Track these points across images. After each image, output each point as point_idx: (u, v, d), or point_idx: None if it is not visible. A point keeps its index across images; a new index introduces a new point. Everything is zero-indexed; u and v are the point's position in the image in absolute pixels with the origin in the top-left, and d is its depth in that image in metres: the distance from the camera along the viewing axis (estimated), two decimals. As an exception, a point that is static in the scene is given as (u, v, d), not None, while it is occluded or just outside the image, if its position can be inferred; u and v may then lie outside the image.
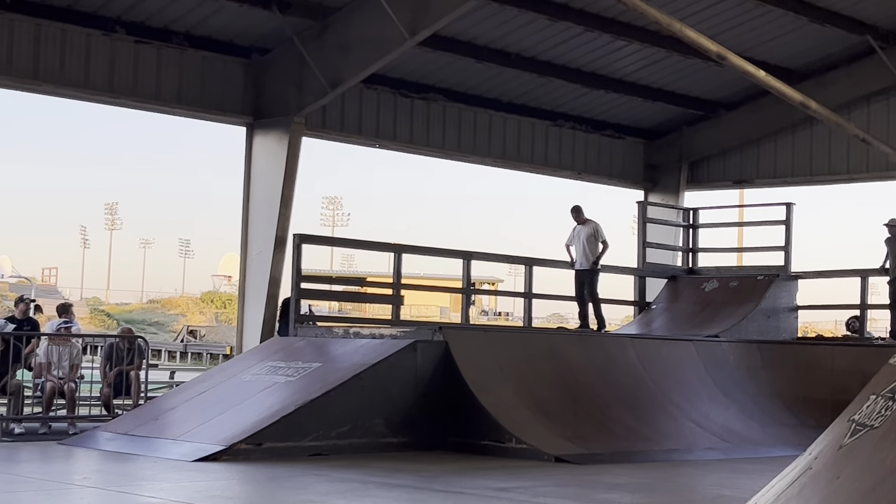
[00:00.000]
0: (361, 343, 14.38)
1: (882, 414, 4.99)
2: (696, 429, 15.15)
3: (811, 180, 23.89)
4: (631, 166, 24.86)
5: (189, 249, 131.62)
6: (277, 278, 18.39)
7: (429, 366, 13.79)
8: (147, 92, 17.82)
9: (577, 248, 18.80)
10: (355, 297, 28.35)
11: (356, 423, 12.91)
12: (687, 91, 23.34)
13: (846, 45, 21.63)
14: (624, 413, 14.75)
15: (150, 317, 76.94)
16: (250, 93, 18.71)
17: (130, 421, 13.68)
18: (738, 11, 19.82)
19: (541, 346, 15.48)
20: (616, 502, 10.29)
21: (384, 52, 17.35)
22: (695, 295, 20.94)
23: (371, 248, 21.09)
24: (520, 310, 19.87)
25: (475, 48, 20.14)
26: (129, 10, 17.20)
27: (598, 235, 18.69)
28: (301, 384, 13.30)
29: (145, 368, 15.79)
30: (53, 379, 14.81)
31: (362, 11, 17.33)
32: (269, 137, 18.63)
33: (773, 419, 16.43)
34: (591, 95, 22.79)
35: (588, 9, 19.40)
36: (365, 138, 20.67)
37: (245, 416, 12.66)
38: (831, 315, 45.38)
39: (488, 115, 22.29)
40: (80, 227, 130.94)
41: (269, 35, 18.29)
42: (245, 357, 15.80)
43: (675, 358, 16.61)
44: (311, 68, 17.84)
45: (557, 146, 23.53)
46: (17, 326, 15.43)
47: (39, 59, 16.73)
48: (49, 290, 74.04)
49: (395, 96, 20.73)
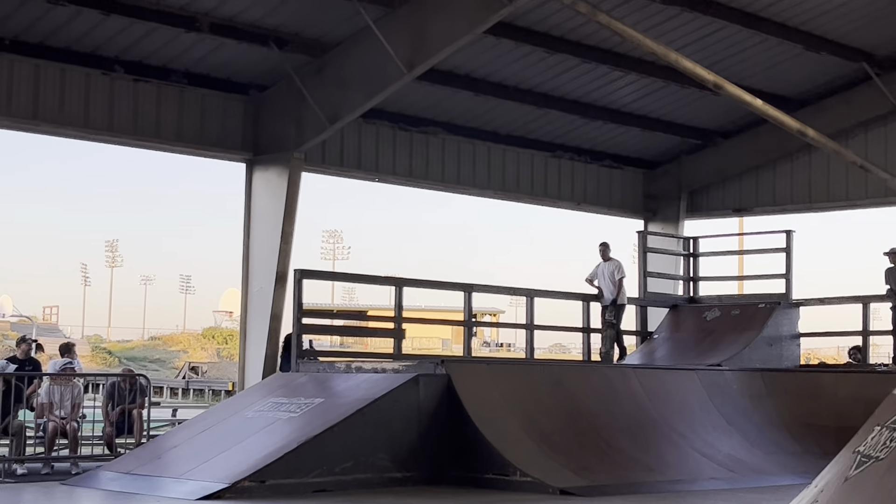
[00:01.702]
0: (364, 378, 14.35)
1: (887, 445, 4.98)
2: (701, 458, 15.09)
3: (810, 207, 23.91)
4: (630, 196, 24.90)
5: (190, 285, 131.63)
6: (279, 314, 18.38)
7: (432, 399, 13.75)
8: (147, 130, 17.87)
9: (603, 283, 19.78)
10: (357, 331, 28.29)
11: (360, 458, 12.86)
12: (685, 120, 23.40)
13: (843, 72, 21.71)
14: (628, 444, 14.70)
15: (151, 354, 76.84)
16: (250, 129, 18.76)
17: (133, 460, 13.63)
18: (734, 41, 19.91)
19: (544, 377, 15.44)
20: (622, 535, 10.25)
21: (382, 86, 17.40)
22: (697, 324, 20.91)
23: (372, 283, 21.08)
24: (522, 341, 19.85)
25: (473, 81, 20.21)
26: (127, 49, 17.28)
27: (619, 273, 19.76)
28: (304, 420, 13.26)
29: (147, 407, 15.76)
30: (55, 419, 14.78)
31: (360, 47, 17.40)
32: (269, 173, 18.66)
33: (778, 447, 16.37)
34: (589, 126, 22.86)
35: (585, 40, 19.48)
36: (364, 173, 20.70)
37: (248, 453, 12.61)
38: (833, 342, 45.37)
39: (487, 148, 22.35)
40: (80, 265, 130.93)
41: (267, 72, 18.36)
42: (247, 393, 15.76)
43: (679, 387, 16.56)
44: (309, 104, 17.90)
45: (557, 177, 23.57)
46: (19, 367, 15.40)
47: (39, 100, 16.79)
48: (50, 328, 74.00)
49: (393, 130, 20.79)
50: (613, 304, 19.68)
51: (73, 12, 16.12)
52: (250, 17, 17.13)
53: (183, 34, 17.06)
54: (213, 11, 16.81)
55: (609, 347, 19.83)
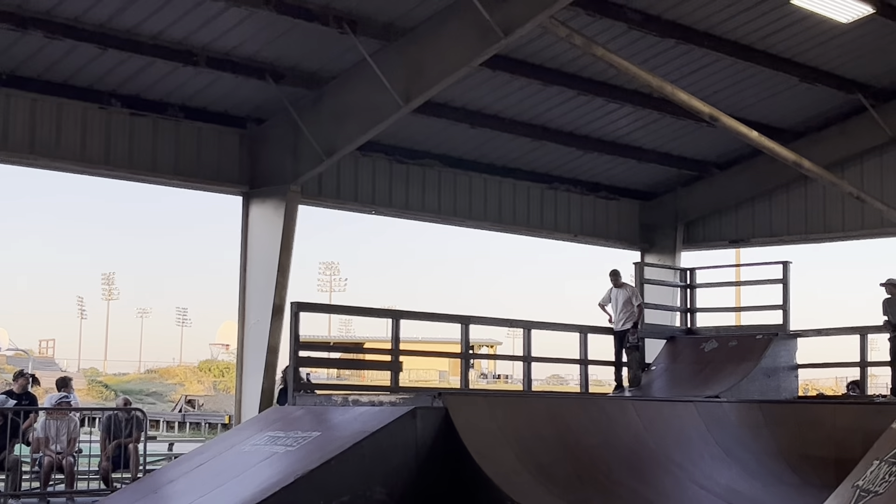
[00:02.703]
0: (361, 411, 14.29)
1: (886, 480, 4.95)
2: (700, 490, 15.02)
3: (807, 238, 23.93)
4: (627, 227, 24.92)
5: (186, 318, 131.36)
6: (276, 346, 18.34)
7: (429, 432, 13.68)
8: (143, 163, 17.89)
9: (615, 309, 19.84)
10: (354, 364, 28.21)
11: (357, 492, 12.78)
12: (680, 152, 23.45)
13: (838, 103, 21.78)
14: (627, 476, 14.63)
15: (147, 387, 76.66)
16: (246, 162, 18.78)
17: (129, 495, 13.55)
18: (729, 73, 19.98)
19: (541, 409, 15.38)
20: (621, 569, 10.18)
21: (379, 119, 17.44)
22: (694, 355, 20.88)
23: (369, 315, 21.04)
24: (519, 372, 19.80)
25: (469, 113, 20.27)
26: (124, 83, 17.32)
27: (636, 299, 19.90)
28: (300, 454, 13.20)
29: (144, 441, 15.71)
30: (51, 454, 14.72)
31: (356, 80, 17.45)
32: (266, 206, 18.67)
33: (777, 478, 16.30)
34: (585, 158, 22.90)
35: (580, 73, 19.55)
36: (361, 205, 20.72)
37: (244, 487, 12.54)
38: (831, 373, 45.31)
39: (483, 180, 22.38)
40: (77, 298, 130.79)
41: (264, 105, 18.40)
42: (244, 427, 15.69)
43: (677, 419, 16.51)
44: (306, 137, 17.93)
45: (553, 209, 23.60)
46: (17, 401, 15.36)
47: (35, 133, 16.82)
48: (46, 361, 73.86)
49: (390, 163, 20.82)
50: (635, 327, 19.87)
51: (70, 46, 16.16)
52: (247, 51, 17.19)
53: (180, 68, 17.11)
54: (209, 45, 16.86)
55: (637, 370, 20.02)
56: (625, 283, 20.16)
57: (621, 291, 19.98)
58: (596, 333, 20.22)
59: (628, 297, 19.90)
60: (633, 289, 20.22)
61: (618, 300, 19.95)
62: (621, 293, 19.97)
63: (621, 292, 19.98)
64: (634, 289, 20.30)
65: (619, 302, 19.91)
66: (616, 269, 20.23)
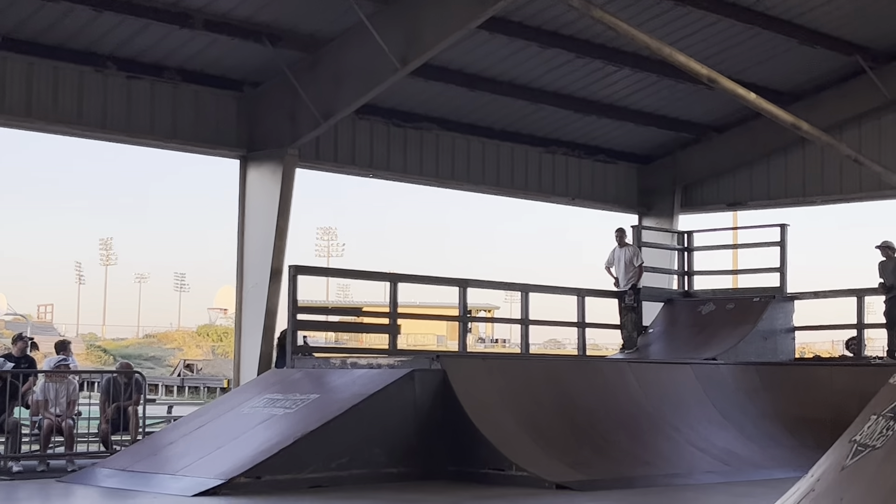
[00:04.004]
0: (359, 374, 14.35)
1: (884, 434, 4.98)
2: (697, 452, 15.11)
3: (804, 201, 23.92)
4: (625, 191, 24.90)
5: (184, 283, 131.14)
6: (274, 310, 18.36)
7: (427, 395, 13.75)
8: (140, 127, 17.84)
9: (619, 270, 20.09)
10: (352, 327, 28.29)
11: (355, 454, 12.87)
12: (679, 115, 23.40)
13: (836, 65, 21.72)
14: (624, 438, 14.71)
15: (146, 351, 76.78)
16: (243, 126, 18.73)
17: (129, 457, 13.62)
18: (728, 35, 19.91)
19: (539, 372, 15.45)
20: (618, 528, 10.25)
21: (376, 82, 17.39)
22: (692, 318, 20.95)
23: (367, 278, 21.06)
24: (517, 336, 19.87)
25: (467, 77, 20.20)
26: (120, 46, 17.24)
27: (637, 259, 20.11)
28: (299, 416, 13.26)
29: (143, 403, 15.75)
30: (51, 416, 14.76)
31: (353, 43, 17.39)
32: (263, 170, 18.64)
33: (773, 441, 16.39)
34: (583, 121, 22.85)
35: (578, 35, 19.48)
36: (359, 169, 20.69)
37: (244, 449, 12.61)
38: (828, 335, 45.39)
39: (481, 143, 22.34)
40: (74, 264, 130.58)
41: (261, 68, 18.33)
42: (243, 390, 15.76)
43: (674, 381, 16.59)
44: (303, 100, 17.88)
45: (551, 172, 23.57)
46: (15, 364, 15.40)
47: (32, 97, 16.76)
48: (45, 327, 73.92)
49: (387, 126, 20.77)
50: (633, 289, 20.01)
51: (66, 9, 16.08)
52: (244, 13, 17.11)
53: (176, 31, 17.04)
54: (206, 7, 16.78)
55: (632, 331, 20.19)
56: (628, 243, 20.29)
57: (625, 251, 20.14)
58: (593, 296, 20.27)
59: (630, 258, 20.05)
60: (635, 249, 20.38)
61: (621, 260, 20.11)
62: (625, 253, 20.11)
63: (625, 252, 20.12)
64: (636, 249, 20.44)
65: (623, 262, 20.05)
66: (622, 227, 20.49)
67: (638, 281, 20.13)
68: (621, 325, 20.38)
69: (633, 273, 20.01)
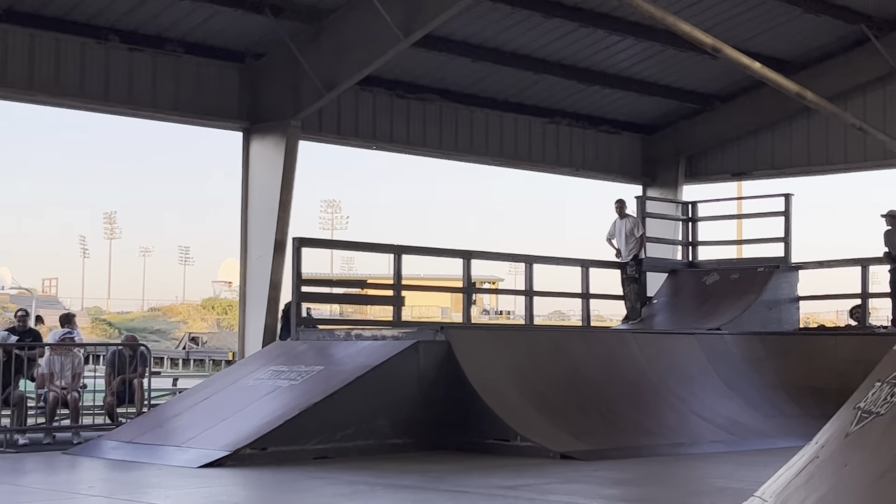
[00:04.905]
0: (363, 345, 14.37)
1: (888, 401, 4.98)
2: (701, 422, 15.13)
3: (809, 170, 23.87)
4: (629, 161, 24.86)
5: (189, 256, 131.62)
6: (278, 282, 18.38)
7: (432, 366, 13.77)
8: (143, 99, 17.81)
9: (620, 240, 20.09)
10: (356, 299, 28.33)
11: (360, 425, 12.89)
12: (683, 85, 23.32)
13: (841, 34, 21.62)
14: (629, 408, 14.73)
15: (151, 325, 76.95)
16: (246, 98, 18.70)
17: (134, 429, 13.66)
18: (732, 3, 19.81)
19: (543, 343, 15.46)
20: (623, 497, 10.29)
21: (379, 53, 17.34)
22: (696, 288, 20.93)
23: (371, 250, 21.09)
24: (521, 308, 19.87)
25: (470, 47, 20.13)
26: (122, 18, 17.19)
27: (638, 230, 20.12)
28: (304, 388, 13.29)
29: (148, 376, 15.79)
30: (56, 389, 14.80)
31: (356, 13, 17.32)
32: (266, 142, 18.62)
33: (778, 410, 16.41)
34: (586, 91, 22.78)
35: (582, 5, 19.39)
36: (362, 140, 20.65)
37: (249, 421, 12.64)
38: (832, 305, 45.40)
39: (485, 114, 22.28)
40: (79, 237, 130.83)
41: (263, 39, 18.28)
42: (247, 362, 15.79)
43: (679, 352, 16.60)
44: (306, 71, 17.83)
45: (555, 143, 23.52)
46: (19, 338, 15.41)
47: (34, 69, 16.73)
48: (50, 300, 74.05)
49: (391, 98, 20.72)
50: (635, 260, 20.02)
51: (67, -19, 16.04)
52: (245, -15, 17.04)
53: (178, 2, 16.98)
54: (207, -21, 16.72)
55: (635, 301, 20.22)
56: (629, 214, 20.28)
57: (626, 223, 20.14)
58: (597, 268, 20.25)
59: (631, 229, 20.06)
60: (635, 220, 20.36)
61: (622, 232, 20.11)
62: (626, 224, 20.11)
63: (626, 223, 20.12)
64: (637, 220, 20.42)
65: (624, 234, 20.06)
66: (622, 198, 20.43)
67: (640, 252, 20.12)
68: (624, 296, 20.38)
69: (633, 244, 20.00)
